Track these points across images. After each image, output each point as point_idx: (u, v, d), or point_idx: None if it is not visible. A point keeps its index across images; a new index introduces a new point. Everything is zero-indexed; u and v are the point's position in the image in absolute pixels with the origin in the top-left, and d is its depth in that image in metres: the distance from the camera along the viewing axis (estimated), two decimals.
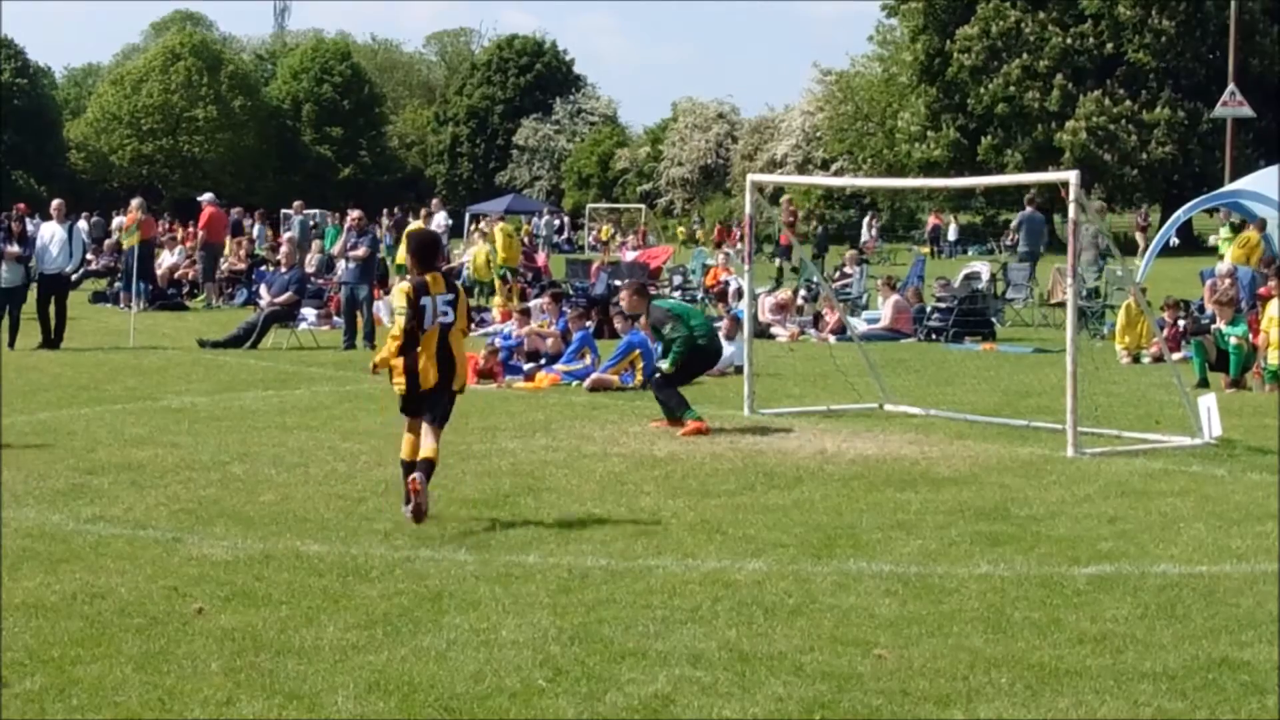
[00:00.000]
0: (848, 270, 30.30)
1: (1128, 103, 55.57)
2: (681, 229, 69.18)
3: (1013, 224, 32.39)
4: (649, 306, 14.77)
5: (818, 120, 72.26)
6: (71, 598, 7.82)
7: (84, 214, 48.67)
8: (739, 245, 44.49)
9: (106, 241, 39.81)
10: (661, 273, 32.42)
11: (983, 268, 28.01)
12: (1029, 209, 30.98)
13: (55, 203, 24.19)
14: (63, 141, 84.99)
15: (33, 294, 22.41)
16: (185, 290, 31.80)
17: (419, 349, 9.76)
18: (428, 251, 10.14)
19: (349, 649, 6.98)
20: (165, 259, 32.96)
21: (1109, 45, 55.92)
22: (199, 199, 34.29)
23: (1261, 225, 25.55)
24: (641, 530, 9.60)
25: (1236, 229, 35.95)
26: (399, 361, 9.76)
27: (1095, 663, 6.83)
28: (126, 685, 6.44)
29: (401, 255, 16.56)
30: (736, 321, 19.12)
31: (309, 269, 29.23)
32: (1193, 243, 48.15)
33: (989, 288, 26.56)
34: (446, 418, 9.97)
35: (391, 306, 10.45)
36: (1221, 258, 29.24)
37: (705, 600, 7.87)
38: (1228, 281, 22.33)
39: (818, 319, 24.77)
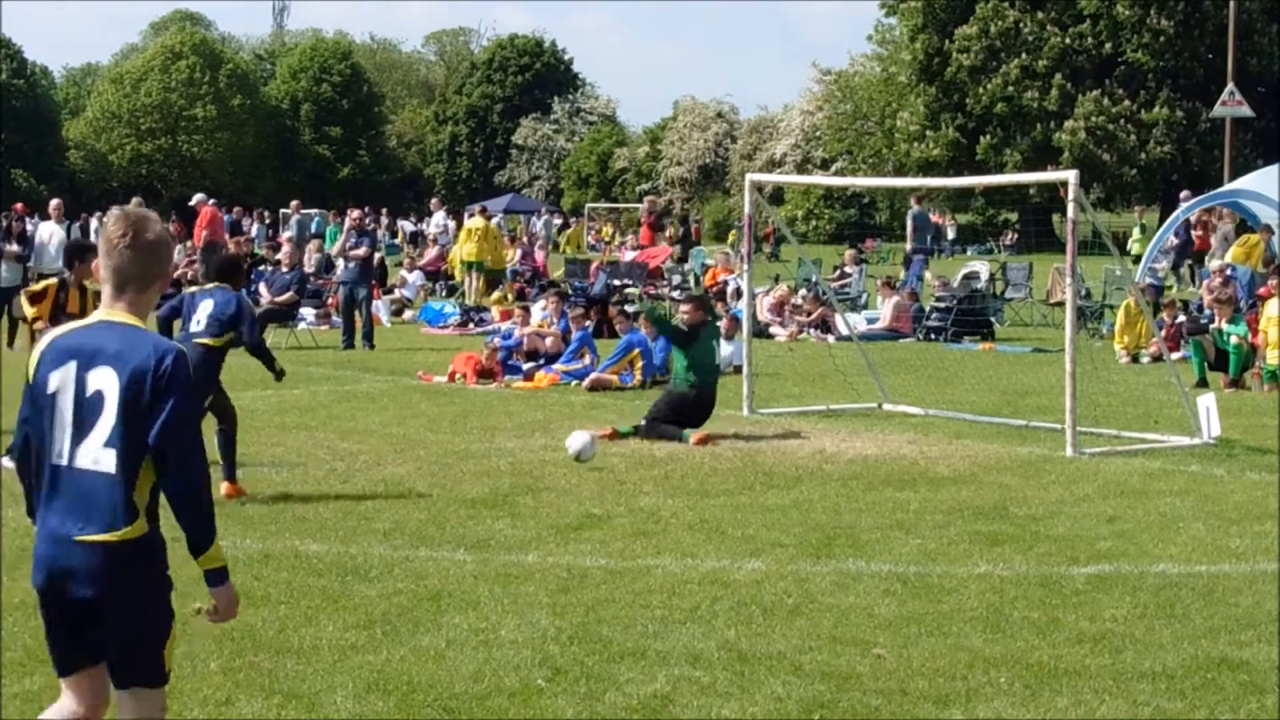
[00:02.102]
0: (847, 270, 30.30)
1: (1126, 102, 55.57)
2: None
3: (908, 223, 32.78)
4: (707, 322, 14.23)
5: (817, 120, 72.21)
6: None
7: (93, 215, 48.60)
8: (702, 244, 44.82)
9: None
10: (661, 272, 32.41)
11: (982, 267, 28.03)
12: (916, 206, 31.65)
13: (54, 202, 24.20)
14: (62, 141, 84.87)
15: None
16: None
17: None
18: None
19: (348, 649, 6.98)
20: None
21: (1107, 45, 55.91)
22: (191, 201, 34.12)
23: (1267, 230, 25.53)
24: (641, 530, 9.61)
25: (1144, 229, 36.00)
26: None
27: (1094, 662, 6.83)
28: None
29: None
30: (735, 321, 19.12)
31: (308, 269, 29.22)
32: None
33: (988, 287, 26.58)
34: None
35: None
36: (1136, 259, 29.10)
37: (704, 600, 7.88)
38: (1219, 280, 22.34)
39: (809, 315, 24.83)
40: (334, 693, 6.34)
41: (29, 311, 12.22)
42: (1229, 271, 23.59)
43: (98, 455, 4.33)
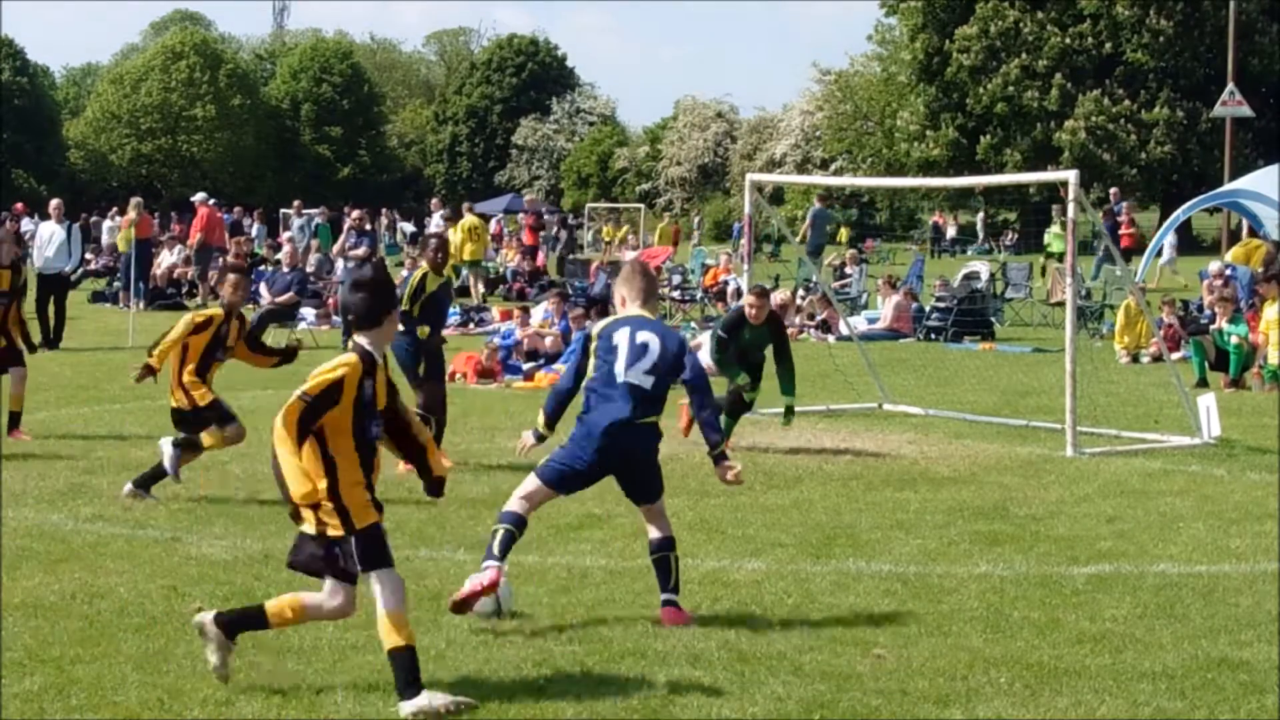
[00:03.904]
0: (848, 270, 30.32)
1: (1126, 102, 55.55)
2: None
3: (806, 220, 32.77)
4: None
5: (817, 120, 72.19)
6: (70, 597, 7.82)
7: (94, 215, 48.49)
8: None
9: (105, 241, 39.80)
10: (661, 272, 32.45)
11: (982, 267, 28.04)
12: (817, 205, 31.90)
13: (54, 202, 24.21)
14: (62, 141, 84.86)
15: (32, 293, 22.40)
16: (184, 290, 31.78)
17: None
18: None
19: (348, 649, 6.98)
20: (164, 259, 32.92)
21: (1108, 45, 55.89)
22: (193, 199, 34.12)
23: (1278, 246, 25.51)
24: (641, 530, 9.57)
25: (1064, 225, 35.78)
26: None
27: (1094, 662, 6.83)
28: (126, 685, 6.44)
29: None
30: None
31: (308, 269, 29.24)
32: (1191, 242, 48.18)
33: (988, 287, 26.59)
34: None
35: None
36: (1059, 256, 28.96)
37: (704, 600, 7.88)
38: (1219, 280, 22.35)
39: (811, 316, 24.83)
40: (334, 693, 6.34)
41: None
42: (1229, 271, 23.60)
43: (641, 378, 7.47)
